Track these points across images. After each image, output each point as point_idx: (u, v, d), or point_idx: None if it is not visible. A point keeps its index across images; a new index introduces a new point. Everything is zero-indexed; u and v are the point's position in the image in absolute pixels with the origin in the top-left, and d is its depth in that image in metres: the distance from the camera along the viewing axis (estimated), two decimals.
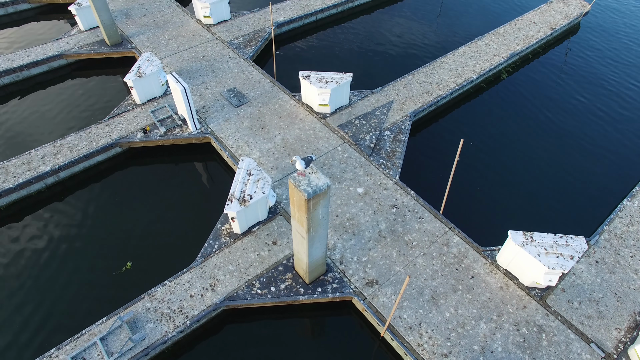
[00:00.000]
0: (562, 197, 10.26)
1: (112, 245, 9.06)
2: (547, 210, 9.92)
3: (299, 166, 5.80)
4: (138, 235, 9.26)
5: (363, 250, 8.46)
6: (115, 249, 8.99)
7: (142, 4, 16.29)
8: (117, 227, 9.41)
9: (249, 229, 8.78)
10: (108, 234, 9.28)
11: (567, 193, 10.37)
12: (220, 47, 14.11)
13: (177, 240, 9.16)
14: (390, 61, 14.71)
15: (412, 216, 9.11)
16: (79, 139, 10.72)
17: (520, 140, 11.83)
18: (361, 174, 10.04)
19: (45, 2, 17.10)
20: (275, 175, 9.97)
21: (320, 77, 11.43)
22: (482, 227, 9.41)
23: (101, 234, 9.29)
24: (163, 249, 8.98)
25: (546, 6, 16.86)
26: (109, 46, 13.96)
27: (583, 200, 10.20)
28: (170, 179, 10.54)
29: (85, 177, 10.53)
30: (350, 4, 17.40)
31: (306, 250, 6.92)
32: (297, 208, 6.19)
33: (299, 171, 5.99)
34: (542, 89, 13.64)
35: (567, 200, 10.20)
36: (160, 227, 9.41)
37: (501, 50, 14.25)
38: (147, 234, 9.28)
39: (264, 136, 10.97)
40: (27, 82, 13.45)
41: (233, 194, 8.31)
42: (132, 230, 9.36)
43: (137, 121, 11.28)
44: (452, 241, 8.63)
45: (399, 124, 11.42)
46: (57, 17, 16.79)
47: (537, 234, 7.60)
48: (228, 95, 12.18)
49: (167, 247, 9.01)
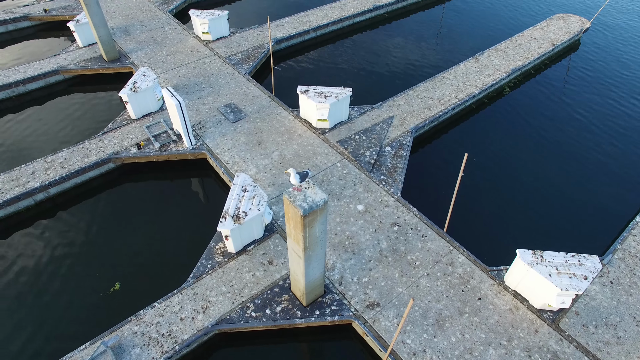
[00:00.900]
0: (570, 215, 9.87)
1: (101, 264, 8.65)
2: (556, 229, 9.52)
3: (294, 180, 5.46)
4: (129, 254, 8.86)
5: (363, 270, 8.03)
6: (105, 268, 8.58)
7: (142, 21, 16.28)
8: (108, 246, 9.02)
9: (244, 248, 8.38)
10: (98, 252, 8.89)
11: (576, 211, 9.98)
12: (218, 63, 13.98)
13: (169, 259, 8.75)
14: (391, 77, 14.55)
15: (415, 234, 8.71)
16: (71, 155, 10.43)
17: (525, 156, 11.51)
18: (361, 190, 9.69)
19: (46, 19, 17.12)
20: (272, 192, 9.63)
21: (319, 91, 11.21)
22: (488, 245, 9.00)
23: (91, 252, 8.89)
24: (154, 269, 8.56)
25: (546, 22, 16.82)
26: (107, 62, 13.83)
27: (593, 218, 9.80)
28: (164, 196, 10.20)
29: (77, 193, 10.19)
30: (349, 21, 17.40)
31: (303, 271, 6.51)
32: (293, 225, 5.82)
33: (295, 186, 5.65)
34: (545, 105, 13.41)
35: (576, 218, 9.80)
36: (152, 246, 9.01)
37: (502, 65, 14.10)
38: (138, 252, 8.88)
39: (261, 152, 10.68)
40: (22, 98, 13.27)
41: (227, 211, 7.95)
42: (123, 248, 8.97)
43: (132, 136, 11.02)
44: (457, 261, 8.20)
45: (400, 139, 11.14)
46: (57, 35, 16.77)
47: (547, 253, 7.18)
48: (225, 111, 11.95)
49: (158, 267, 8.60)
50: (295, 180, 5.47)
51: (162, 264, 8.66)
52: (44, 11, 16.97)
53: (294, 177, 5.40)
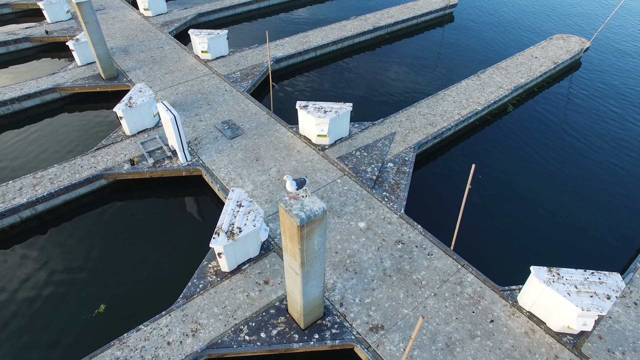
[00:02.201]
0: (584, 233, 9.37)
1: (88, 285, 8.11)
2: (569, 246, 9.01)
3: (290, 187, 5.05)
4: (118, 274, 8.33)
5: (366, 290, 7.49)
6: (91, 289, 8.04)
7: (142, 42, 16.29)
8: (95, 265, 8.50)
9: (238, 267, 7.87)
10: (84, 272, 8.36)
11: (590, 228, 9.49)
12: (216, 81, 13.83)
13: (159, 280, 8.22)
14: (391, 95, 14.36)
15: (420, 252, 8.20)
16: (62, 170, 10.06)
17: (533, 173, 11.12)
18: (363, 207, 9.25)
19: (47, 41, 17.17)
20: (269, 209, 9.19)
21: (319, 107, 10.95)
22: (498, 264, 8.47)
23: (76, 272, 8.37)
24: (143, 290, 8.02)
25: (546, 42, 16.80)
26: (104, 80, 13.69)
27: (609, 235, 9.30)
28: (156, 214, 9.76)
29: (65, 210, 9.76)
30: (349, 42, 17.42)
31: (300, 289, 5.99)
32: (289, 237, 5.36)
33: (291, 194, 5.23)
34: (551, 121, 13.13)
35: (590, 235, 9.30)
36: (142, 266, 8.50)
37: (505, 83, 13.92)
38: (127, 272, 8.36)
39: (258, 168, 10.31)
40: (17, 115, 13.04)
41: (220, 227, 7.49)
42: (111, 268, 8.45)
43: (125, 152, 10.68)
44: (466, 280, 7.66)
45: (403, 155, 10.78)
46: (57, 56, 16.76)
47: (564, 270, 6.67)
48: (222, 127, 11.67)
49: (147, 287, 8.06)
50: (291, 187, 5.05)
51: (151, 284, 8.12)
52: (46, 32, 17.03)
53: (289, 185, 4.98)
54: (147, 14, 18.58)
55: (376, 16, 19.10)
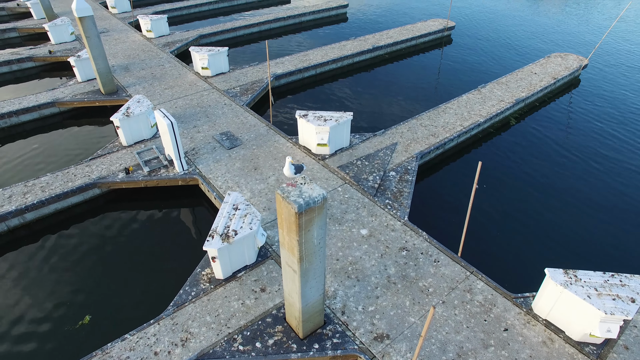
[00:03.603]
0: (597, 237, 8.93)
1: (74, 295, 7.63)
2: (581, 251, 8.55)
3: (288, 171, 4.72)
4: (106, 284, 7.87)
5: (369, 298, 7.00)
6: (77, 300, 7.55)
7: (143, 60, 16.40)
8: (84, 276, 8.05)
9: (234, 274, 7.41)
10: (72, 283, 7.90)
11: (603, 232, 9.06)
12: (216, 95, 13.77)
13: (150, 289, 7.75)
14: (392, 109, 14.27)
15: (426, 259, 7.75)
16: (54, 179, 9.77)
17: (540, 181, 10.80)
18: (365, 214, 8.87)
19: (50, 60, 17.32)
20: (267, 217, 8.81)
21: (319, 115, 10.78)
22: (508, 271, 8.00)
23: (63, 283, 7.90)
24: (133, 300, 7.54)
25: (544, 60, 16.89)
26: (104, 95, 13.63)
27: (623, 239, 8.86)
28: (150, 223, 9.38)
29: (56, 220, 9.39)
30: (349, 60, 17.55)
31: (299, 290, 5.54)
32: (287, 229, 4.98)
33: (289, 181, 4.90)
34: (556, 133, 12.94)
35: (604, 240, 8.86)
36: (133, 276, 8.04)
37: (506, 96, 13.83)
38: (116, 283, 7.90)
39: (256, 177, 10.00)
40: (14, 129, 12.90)
41: (215, 230, 7.10)
42: (101, 279, 7.99)
43: (121, 162, 10.42)
44: (475, 287, 7.18)
45: (405, 164, 10.50)
46: (60, 75, 16.86)
47: (581, 272, 6.22)
48: (220, 138, 11.46)
49: (138, 297, 7.58)
50: (289, 171, 4.73)
51: (142, 294, 7.64)
52: (49, 52, 17.20)
53: (288, 168, 4.66)
54: (150, 36, 18.85)
55: (375, 37, 19.35)
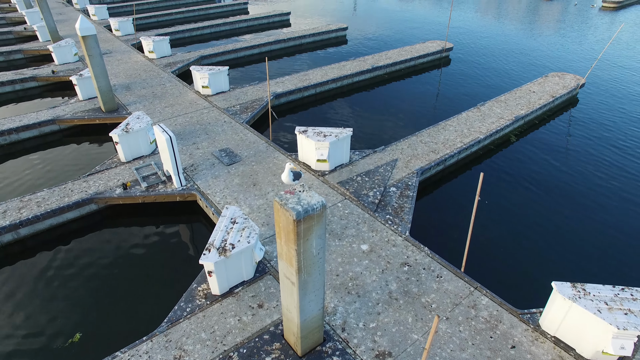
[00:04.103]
0: (602, 251, 8.73)
1: (65, 312, 7.39)
2: (587, 266, 8.33)
3: (286, 177, 4.62)
4: (99, 301, 7.64)
5: (370, 314, 6.76)
6: (69, 317, 7.31)
7: (144, 79, 16.57)
8: (77, 292, 7.82)
9: (230, 290, 7.19)
10: (64, 299, 7.66)
11: (609, 246, 8.86)
12: (216, 113, 13.82)
13: (145, 306, 7.51)
14: (391, 127, 14.29)
15: (429, 275, 7.54)
16: (51, 194, 9.65)
17: (544, 195, 10.67)
18: (365, 230, 8.70)
19: (53, 80, 17.51)
20: (266, 232, 8.65)
21: (318, 131, 10.76)
22: (513, 286, 7.78)
23: (56, 299, 7.67)
24: (126, 317, 7.29)
25: (542, 79, 17.05)
26: (104, 112, 13.68)
27: (628, 251, 8.65)
28: (147, 239, 9.20)
29: (51, 236, 9.22)
30: (349, 80, 17.71)
31: (297, 303, 5.34)
32: (284, 237, 4.83)
33: (287, 189, 4.79)
34: (556, 149, 12.90)
35: (610, 254, 8.65)
36: (128, 293, 7.82)
37: (505, 114, 13.87)
38: (110, 300, 7.67)
39: (255, 193, 9.89)
40: (14, 146, 12.88)
41: (212, 243, 6.93)
42: (94, 296, 7.76)
43: (119, 178, 10.33)
44: (480, 303, 6.95)
45: (406, 180, 10.40)
46: (62, 94, 17.00)
47: (589, 286, 6.01)
48: (219, 155, 11.41)
49: (132, 315, 7.33)
50: (287, 178, 4.62)
51: (136, 311, 7.40)
52: (52, 72, 17.41)
53: (287, 175, 4.55)
54: (152, 56, 19.12)
55: (374, 57, 19.63)
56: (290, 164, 4.61)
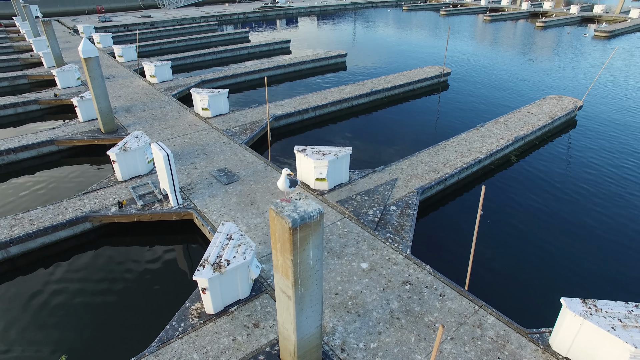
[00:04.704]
0: (608, 267, 8.45)
1: (52, 333, 7.07)
2: (595, 283, 8.03)
3: (282, 184, 4.47)
4: (90, 322, 7.33)
5: (371, 334, 6.45)
6: (56, 337, 6.98)
7: (145, 102, 16.70)
8: (66, 312, 7.52)
9: (225, 309, 6.90)
10: (52, 319, 7.36)
11: (616, 262, 8.58)
12: (215, 134, 13.82)
13: (136, 326, 7.20)
14: (391, 149, 14.25)
15: (431, 293, 7.26)
16: (45, 212, 9.47)
17: (545, 212, 10.47)
18: (365, 248, 8.47)
19: (55, 103, 17.65)
20: (263, 250, 8.41)
21: (317, 150, 10.70)
22: (519, 304, 7.47)
23: (43, 320, 7.36)
24: (117, 338, 6.96)
25: (540, 102, 17.17)
26: (103, 133, 13.69)
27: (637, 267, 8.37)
28: (141, 258, 8.96)
29: (42, 255, 8.98)
30: (348, 103, 17.84)
31: (294, 320, 5.07)
32: (280, 247, 4.63)
33: (283, 197, 4.63)
34: (557, 168, 12.79)
35: (614, 269, 8.37)
36: (119, 313, 7.52)
37: (505, 134, 13.86)
38: (101, 321, 7.36)
39: (253, 211, 9.71)
40: (11, 167, 12.80)
41: (206, 259, 6.70)
42: (84, 317, 7.46)
43: (115, 196, 10.18)
44: (486, 322, 6.64)
45: (406, 199, 10.24)
46: (63, 117, 17.08)
47: (601, 302, 5.74)
48: (217, 174, 11.30)
49: (122, 334, 7.01)
50: (284, 185, 4.47)
51: (127, 331, 7.08)
52: (54, 95, 17.57)
53: (283, 181, 4.40)
54: (153, 81, 19.37)
55: (374, 82, 19.87)
56: (287, 170, 4.48)
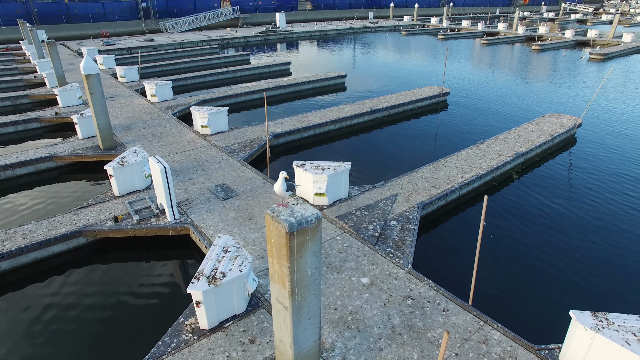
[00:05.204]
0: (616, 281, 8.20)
1: (44, 350, 6.78)
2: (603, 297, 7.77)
3: (279, 187, 4.34)
4: (79, 339, 7.05)
5: (372, 350, 6.17)
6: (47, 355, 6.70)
7: (145, 120, 16.75)
8: (54, 329, 7.24)
9: (220, 325, 6.64)
10: (41, 335, 7.08)
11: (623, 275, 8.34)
12: (214, 151, 13.77)
13: (128, 343, 6.91)
14: (391, 166, 14.19)
15: (434, 308, 7.01)
16: (38, 227, 9.29)
17: (551, 226, 10.28)
18: (365, 263, 8.26)
19: (55, 121, 17.70)
20: (260, 265, 8.20)
21: (317, 165, 10.61)
22: (526, 320, 7.19)
23: (32, 336, 7.08)
24: (108, 354, 6.67)
25: (539, 120, 17.22)
26: (102, 150, 13.64)
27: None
28: (136, 274, 8.73)
29: (34, 271, 8.75)
30: (348, 122, 17.89)
31: (290, 332, 4.84)
32: (277, 254, 4.46)
33: (280, 202, 4.50)
34: (560, 182, 12.67)
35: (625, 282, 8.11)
36: (112, 329, 7.25)
37: (505, 151, 13.81)
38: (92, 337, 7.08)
39: (250, 226, 9.54)
40: (8, 182, 12.68)
41: (201, 272, 6.50)
42: (74, 332, 7.18)
43: (111, 211, 10.02)
44: (491, 338, 6.37)
45: (407, 214, 10.07)
46: (63, 135, 17.09)
47: (612, 315, 5.51)
48: (215, 190, 11.18)
49: (114, 351, 6.71)
50: (280, 188, 4.34)
51: (118, 349, 6.79)
52: (55, 114, 17.65)
53: (280, 185, 4.27)
54: (154, 100, 19.51)
55: (373, 101, 20.00)
56: (284, 174, 4.36)
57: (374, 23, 65.33)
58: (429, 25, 64.50)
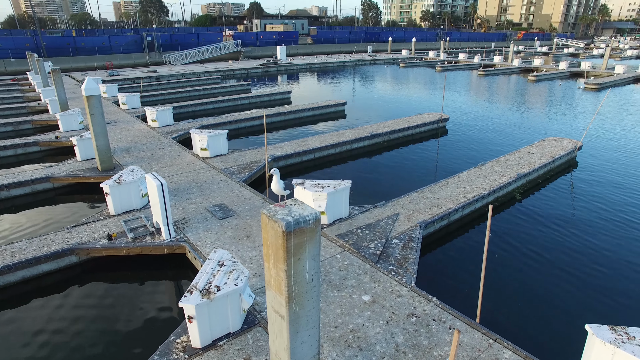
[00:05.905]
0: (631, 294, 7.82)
1: None
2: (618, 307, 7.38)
3: (277, 185, 4.16)
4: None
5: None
6: None
7: (144, 144, 16.75)
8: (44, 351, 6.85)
9: (213, 343, 6.26)
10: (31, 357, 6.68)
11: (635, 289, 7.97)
12: (212, 173, 13.65)
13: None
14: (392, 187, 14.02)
15: (440, 326, 6.64)
16: (29, 244, 9.02)
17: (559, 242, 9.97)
18: (366, 280, 7.94)
19: (55, 145, 17.71)
20: (257, 283, 7.88)
21: (316, 183, 10.44)
22: (537, 337, 6.79)
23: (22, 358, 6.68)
24: None
25: (540, 143, 17.22)
26: (100, 171, 13.53)
27: None
28: (129, 295, 8.38)
29: (22, 291, 8.40)
30: (348, 146, 17.88)
31: (287, 344, 4.52)
32: (273, 257, 4.22)
33: (277, 203, 4.30)
34: (563, 204, 12.45)
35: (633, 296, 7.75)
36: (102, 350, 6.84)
37: (507, 172, 13.69)
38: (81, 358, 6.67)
39: (248, 245, 9.26)
40: (3, 203, 12.48)
41: (195, 285, 6.20)
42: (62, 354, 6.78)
43: (105, 230, 9.77)
44: (502, 356, 5.99)
45: (409, 232, 9.82)
46: (63, 159, 17.02)
47: (632, 329, 5.17)
48: (213, 209, 10.96)
49: None
50: (277, 186, 4.16)
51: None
52: (55, 137, 17.68)
53: (276, 183, 4.10)
54: (154, 125, 19.61)
55: (373, 127, 20.10)
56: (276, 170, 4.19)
57: (372, 56, 67.08)
58: (427, 58, 66.18)
